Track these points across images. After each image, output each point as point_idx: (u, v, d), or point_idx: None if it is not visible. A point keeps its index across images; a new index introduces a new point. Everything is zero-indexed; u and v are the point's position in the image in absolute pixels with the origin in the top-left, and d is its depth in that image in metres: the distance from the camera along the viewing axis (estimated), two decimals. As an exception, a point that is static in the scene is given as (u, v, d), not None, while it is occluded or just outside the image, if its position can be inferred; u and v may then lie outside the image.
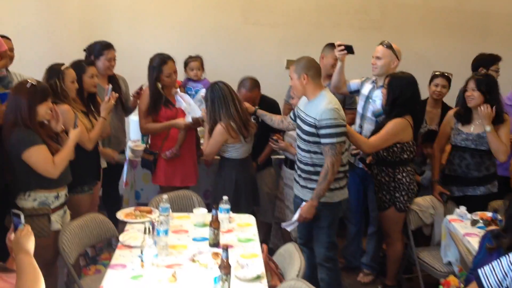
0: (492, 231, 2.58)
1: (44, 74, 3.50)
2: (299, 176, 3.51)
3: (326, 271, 3.53)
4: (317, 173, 3.36)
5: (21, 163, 3.02)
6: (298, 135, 3.47)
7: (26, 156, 2.99)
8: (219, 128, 3.69)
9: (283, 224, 3.54)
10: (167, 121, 4.09)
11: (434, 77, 4.26)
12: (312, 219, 3.38)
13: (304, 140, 3.38)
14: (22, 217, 2.19)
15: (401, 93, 3.58)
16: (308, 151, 3.38)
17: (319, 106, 3.27)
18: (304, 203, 3.42)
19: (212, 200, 3.95)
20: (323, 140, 3.27)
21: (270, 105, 4.31)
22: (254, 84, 4.22)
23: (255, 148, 4.06)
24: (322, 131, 3.25)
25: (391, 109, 3.63)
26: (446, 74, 4.23)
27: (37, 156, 3.01)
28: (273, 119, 3.85)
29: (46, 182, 3.10)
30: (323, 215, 3.42)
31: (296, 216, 3.41)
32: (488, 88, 3.70)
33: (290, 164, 4.17)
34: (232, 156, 3.82)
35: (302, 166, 3.46)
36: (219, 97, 3.69)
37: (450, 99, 4.44)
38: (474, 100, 3.72)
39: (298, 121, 3.46)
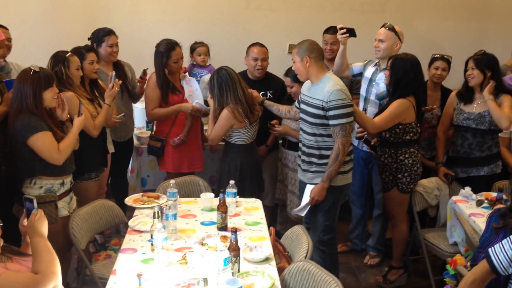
0: (499, 210, 2.60)
1: (48, 61, 3.50)
2: (302, 160, 3.51)
3: (320, 254, 3.50)
4: (321, 157, 3.37)
5: (26, 149, 3.05)
6: (303, 119, 3.46)
7: (31, 141, 3.01)
8: (225, 113, 3.69)
9: (294, 210, 3.52)
10: (173, 106, 4.10)
11: (433, 60, 4.25)
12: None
13: (311, 123, 3.37)
14: (35, 201, 2.23)
15: (404, 75, 3.57)
16: (314, 134, 3.38)
17: (325, 88, 3.27)
18: (308, 185, 3.43)
19: (217, 185, 3.96)
20: (332, 122, 3.27)
21: (278, 84, 4.31)
22: (261, 44, 4.29)
23: (259, 133, 4.06)
24: (331, 113, 3.25)
25: (394, 91, 3.63)
26: (445, 57, 4.22)
27: (43, 142, 3.03)
28: (280, 109, 3.85)
29: (50, 169, 3.13)
30: (324, 198, 3.42)
31: (306, 200, 3.41)
32: (487, 66, 3.71)
33: (288, 145, 4.19)
34: (237, 142, 3.82)
35: (305, 149, 3.46)
36: (227, 81, 3.68)
37: (450, 82, 4.43)
38: (474, 79, 3.75)
39: (303, 105, 3.45)
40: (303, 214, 3.52)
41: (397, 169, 3.71)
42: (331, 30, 4.40)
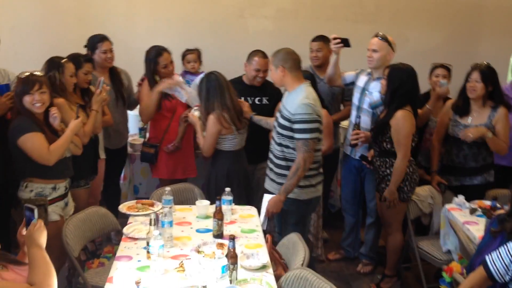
0: (499, 216, 2.62)
1: (43, 66, 3.49)
2: (270, 169, 3.48)
3: None
4: (288, 168, 3.32)
5: (17, 150, 3.08)
6: (274, 126, 3.44)
7: (21, 142, 3.05)
8: (211, 119, 3.67)
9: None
10: (155, 95, 4.06)
11: (434, 68, 4.24)
12: (280, 213, 3.34)
13: (278, 132, 3.35)
14: (36, 211, 2.20)
15: (401, 84, 3.57)
16: (280, 144, 3.35)
17: (296, 100, 3.23)
18: (265, 195, 3.39)
19: (206, 191, 3.91)
20: (296, 135, 3.22)
21: (274, 91, 4.31)
22: (263, 53, 4.22)
23: (252, 143, 4.05)
24: (296, 126, 3.21)
25: (391, 100, 3.63)
26: (445, 65, 4.22)
27: (32, 143, 3.06)
28: (269, 122, 3.83)
29: (41, 171, 3.14)
30: (291, 211, 3.38)
31: (264, 212, 3.37)
32: (491, 80, 3.72)
33: None
34: (225, 148, 3.79)
35: (274, 159, 3.43)
36: (215, 86, 3.66)
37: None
38: (476, 92, 3.73)
39: (277, 113, 3.43)
40: (264, 227, 3.40)
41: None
42: (317, 38, 4.46)
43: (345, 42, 3.90)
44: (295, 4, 5.62)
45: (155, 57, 4.07)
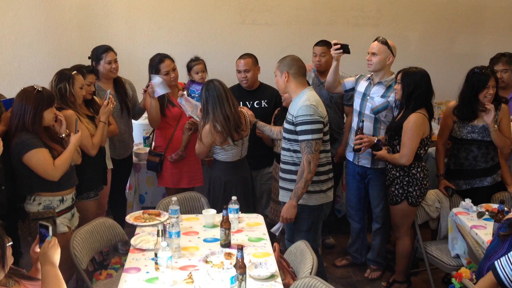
0: (508, 220, 2.60)
1: (53, 77, 3.51)
2: (280, 177, 3.49)
3: None
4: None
5: (22, 166, 3.08)
6: (282, 133, 3.47)
7: (26, 159, 3.05)
8: (205, 128, 3.65)
9: (272, 229, 3.46)
10: (154, 103, 4.05)
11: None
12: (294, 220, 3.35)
13: (285, 138, 3.38)
14: (50, 229, 2.21)
15: (416, 87, 3.58)
16: (288, 150, 3.37)
17: (298, 103, 3.28)
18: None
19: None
20: (299, 137, 3.26)
21: (273, 94, 4.31)
22: (246, 54, 4.33)
23: (254, 149, 4.04)
24: (299, 128, 3.25)
25: (408, 103, 3.62)
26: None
27: (37, 159, 3.06)
28: (272, 130, 3.84)
29: (48, 185, 3.15)
30: (302, 218, 3.38)
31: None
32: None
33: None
34: (221, 158, 3.77)
35: (283, 166, 3.44)
36: (213, 96, 3.61)
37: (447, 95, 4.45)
38: (493, 96, 3.74)
39: (285, 120, 3.46)
40: (276, 233, 3.44)
41: (409, 183, 3.69)
42: (320, 42, 4.45)
43: (345, 49, 3.89)
44: (296, 9, 5.62)
45: (157, 64, 4.08)
